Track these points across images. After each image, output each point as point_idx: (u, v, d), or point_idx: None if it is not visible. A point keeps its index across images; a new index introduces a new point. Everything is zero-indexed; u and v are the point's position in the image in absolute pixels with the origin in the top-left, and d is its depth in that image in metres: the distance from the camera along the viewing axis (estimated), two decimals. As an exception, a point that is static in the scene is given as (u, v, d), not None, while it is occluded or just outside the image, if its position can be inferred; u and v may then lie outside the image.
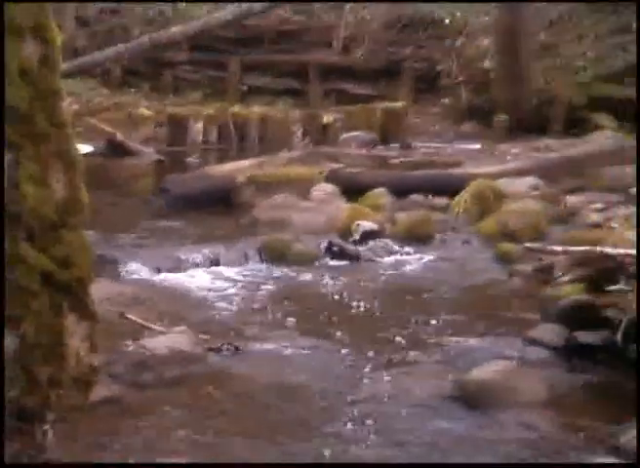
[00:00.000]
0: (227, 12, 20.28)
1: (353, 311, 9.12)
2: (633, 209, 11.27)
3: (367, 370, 7.73)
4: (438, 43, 21.05)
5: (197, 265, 10.17)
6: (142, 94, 19.60)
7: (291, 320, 8.76)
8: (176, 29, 19.97)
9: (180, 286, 9.43)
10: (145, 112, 17.60)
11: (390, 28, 21.72)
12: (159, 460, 5.65)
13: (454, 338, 8.38)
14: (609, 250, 8.49)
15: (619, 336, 7.80)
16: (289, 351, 8.11)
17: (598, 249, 8.55)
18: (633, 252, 8.36)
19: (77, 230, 4.71)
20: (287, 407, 7.02)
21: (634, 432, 6.50)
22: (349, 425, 6.78)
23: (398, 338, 8.42)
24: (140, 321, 8.00)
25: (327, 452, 6.33)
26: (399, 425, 6.74)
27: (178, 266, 10.05)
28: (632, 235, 9.18)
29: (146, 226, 11.38)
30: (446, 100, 19.87)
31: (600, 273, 8.23)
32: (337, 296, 9.39)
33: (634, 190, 12.29)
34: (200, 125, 16.50)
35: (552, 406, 7.10)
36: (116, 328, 7.54)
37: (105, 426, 6.29)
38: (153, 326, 7.97)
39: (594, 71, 19.26)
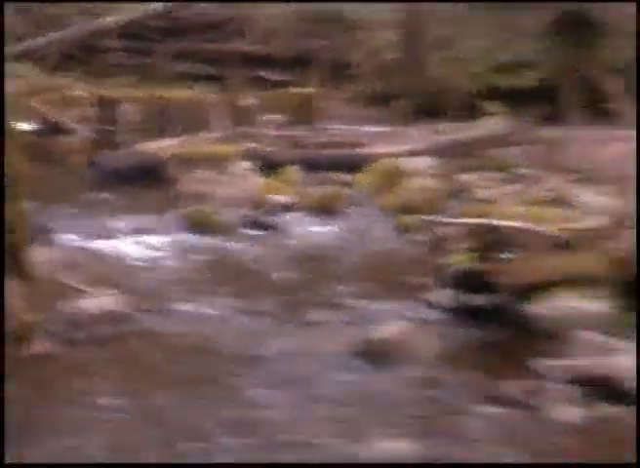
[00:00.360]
0: (158, 5, 20.38)
1: (268, 276, 9.14)
2: (517, 186, 11.42)
3: (280, 329, 7.80)
4: (347, 36, 21.03)
5: (126, 234, 10.11)
6: (77, 77, 19.42)
7: (211, 284, 8.78)
8: (110, 19, 20.00)
9: (110, 252, 9.38)
10: (79, 94, 17.50)
11: (304, 21, 21.65)
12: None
13: (359, 301, 8.44)
14: (496, 222, 8.60)
15: (504, 300, 7.95)
16: (209, 312, 8.13)
17: (486, 221, 8.66)
18: (517, 224, 8.50)
19: (17, 199, 4.72)
20: (206, 361, 7.07)
21: (516, 383, 6.65)
22: (264, 375, 6.86)
23: (309, 301, 8.48)
24: (73, 284, 7.98)
25: (243, 397, 6.45)
26: (310, 375, 6.84)
27: (109, 235, 9.99)
28: (516, 210, 9.32)
29: (80, 198, 11.33)
30: (352, 87, 19.87)
31: (488, 243, 8.32)
32: (253, 263, 9.42)
33: (520, 170, 12.45)
34: (129, 106, 16.45)
35: (445, 360, 7.21)
36: (52, 290, 7.52)
37: (39, 378, 6.33)
38: (86, 288, 7.94)
39: (485, 63, 19.43)
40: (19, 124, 12.22)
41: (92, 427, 5.88)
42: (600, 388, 6.66)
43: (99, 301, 7.77)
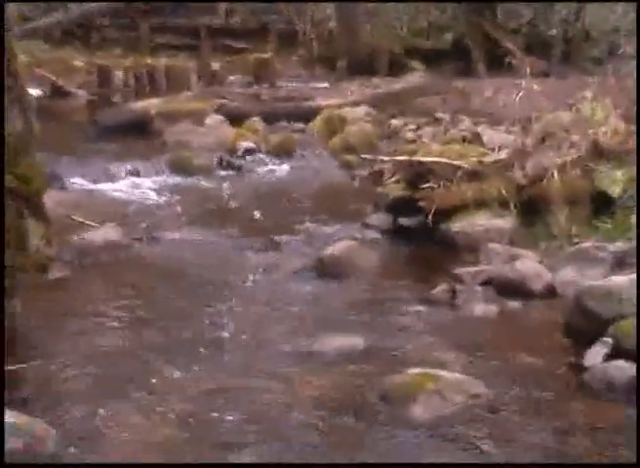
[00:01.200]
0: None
1: (239, 207, 9.09)
2: (437, 128, 11.40)
3: (251, 249, 7.78)
4: (297, 9, 20.88)
5: (122, 177, 9.99)
6: (76, 50, 19.20)
7: (193, 215, 8.75)
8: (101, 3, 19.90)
9: (110, 193, 9.33)
10: (79, 64, 17.37)
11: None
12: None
13: (312, 225, 8.44)
14: (421, 158, 8.60)
15: (429, 219, 7.96)
16: (193, 237, 8.12)
17: (413, 158, 8.65)
18: (438, 159, 8.50)
19: (32, 155, 4.65)
20: (191, 274, 7.10)
21: (441, 287, 6.68)
22: (239, 281, 6.93)
23: (272, 226, 8.44)
24: (81, 220, 7.94)
25: (221, 303, 6.47)
26: (275, 286, 6.87)
27: (108, 178, 9.88)
28: (437, 147, 9.30)
29: (83, 149, 11.23)
30: (302, 52, 19.76)
31: (415, 175, 8.32)
32: (226, 197, 9.38)
33: (439, 115, 12.42)
34: (121, 73, 16.31)
35: (384, 271, 7.24)
36: (64, 226, 7.48)
37: (59, 296, 6.33)
38: (91, 223, 7.91)
39: (408, 28, 19.38)
40: (30, 90, 12.19)
41: (94, 329, 5.94)
42: (508, 288, 6.72)
43: (102, 233, 7.75)
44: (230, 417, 4.80)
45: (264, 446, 4.54)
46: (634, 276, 6.24)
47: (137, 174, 10.02)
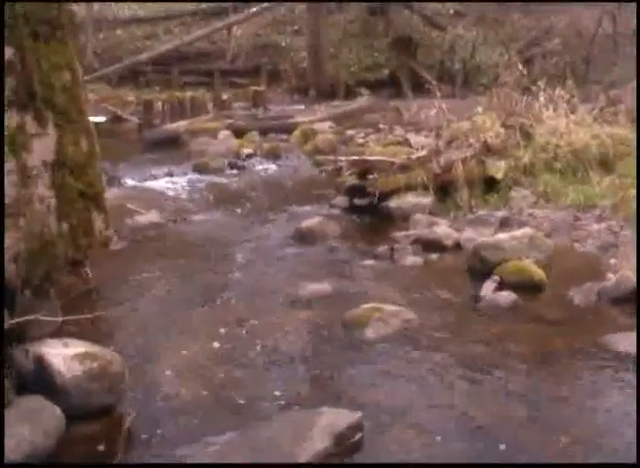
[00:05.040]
0: (173, 42, 20.12)
1: (244, 195, 8.98)
2: (379, 135, 11.34)
3: (252, 224, 7.74)
4: (280, 55, 20.68)
5: (161, 176, 9.80)
6: (128, 89, 19.02)
7: (211, 202, 8.68)
8: (144, 55, 19.69)
9: (152, 188, 9.17)
10: (130, 98, 17.23)
11: (256, 49, 21.28)
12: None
13: (293, 206, 8.39)
14: (368, 157, 8.57)
15: (374, 200, 7.94)
16: (211, 218, 8.06)
17: (363, 157, 8.62)
18: (379, 157, 8.45)
19: (95, 166, 4.60)
20: (211, 243, 7.03)
21: (383, 246, 6.67)
22: (245, 247, 6.88)
23: (267, 207, 8.41)
24: (133, 207, 7.88)
25: (228, 261, 6.45)
26: (268, 250, 6.83)
27: (151, 177, 9.71)
28: (379, 149, 9.26)
29: (134, 158, 11.07)
30: (285, 84, 19.59)
31: (364, 169, 8.27)
32: (234, 189, 9.30)
33: (378, 125, 12.36)
34: (159, 104, 16.13)
35: (344, 237, 7.21)
36: (120, 213, 7.43)
37: (119, 262, 6.29)
38: (140, 210, 7.85)
39: (358, 65, 19.24)
40: (96, 118, 12.13)
41: (146, 282, 5.91)
42: (429, 245, 6.73)
43: (148, 217, 7.69)
44: (245, 336, 4.88)
45: (271, 353, 4.63)
46: (513, 233, 6.29)
47: (171, 174, 9.89)
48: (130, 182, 9.43)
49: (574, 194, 7.62)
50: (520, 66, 10.05)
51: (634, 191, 6.92)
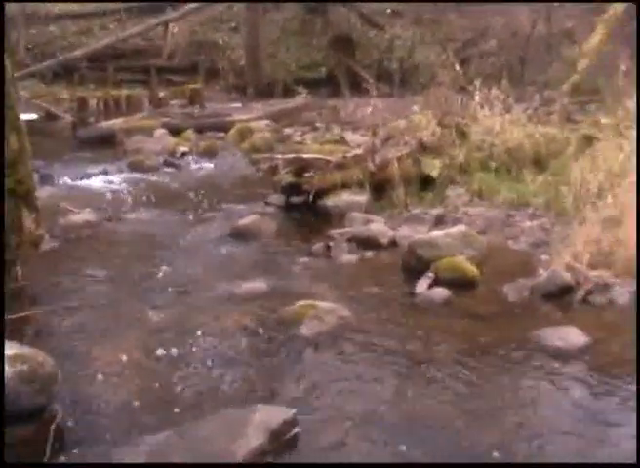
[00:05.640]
0: (112, 37, 19.91)
1: (179, 193, 8.94)
2: (316, 133, 11.39)
3: (187, 223, 7.69)
4: (219, 52, 20.58)
5: (96, 175, 9.71)
6: (62, 86, 18.71)
7: (147, 200, 8.60)
8: (78, 51, 19.38)
9: (86, 187, 9.09)
10: (64, 96, 16.98)
11: (193, 45, 21.12)
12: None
13: (229, 204, 8.35)
14: (304, 155, 8.59)
15: (310, 198, 7.97)
16: (146, 217, 7.98)
17: (299, 155, 8.63)
18: (316, 155, 8.48)
19: (26, 164, 4.56)
20: (146, 242, 6.99)
21: (319, 244, 6.71)
22: (180, 246, 6.85)
23: (201, 207, 8.34)
24: (66, 206, 7.77)
25: (164, 258, 6.38)
26: (204, 249, 6.81)
27: (86, 176, 9.61)
28: (315, 147, 9.31)
29: (67, 156, 10.89)
30: (222, 82, 19.49)
31: (300, 167, 8.29)
32: (170, 186, 9.25)
33: (317, 124, 12.41)
34: (94, 101, 15.94)
35: (280, 235, 7.23)
36: (53, 212, 7.33)
37: (50, 262, 6.20)
38: (74, 209, 7.75)
39: (296, 64, 19.27)
40: (29, 115, 11.99)
41: (78, 283, 5.84)
42: (364, 242, 6.80)
43: (81, 216, 7.59)
44: (179, 335, 4.85)
45: (205, 351, 4.63)
46: (448, 231, 6.40)
47: (106, 173, 9.78)
48: (63, 181, 9.30)
49: (507, 192, 7.77)
50: (457, 66, 10.22)
51: (565, 189, 7.09)
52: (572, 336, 4.71)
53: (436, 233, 6.35)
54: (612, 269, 5.53)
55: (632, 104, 8.77)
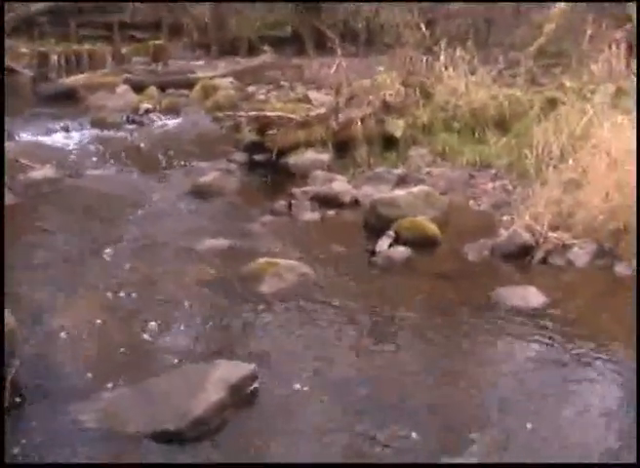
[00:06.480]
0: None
1: (141, 151, 8.83)
2: (280, 92, 11.29)
3: (149, 180, 7.62)
4: (184, 9, 20.26)
5: (57, 131, 9.54)
6: (22, 41, 18.31)
7: (108, 157, 8.46)
8: (40, 4, 18.95)
9: (47, 143, 8.94)
10: (25, 51, 16.63)
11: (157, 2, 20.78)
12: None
13: (192, 162, 8.27)
14: (268, 113, 8.53)
15: (274, 156, 7.93)
16: (108, 173, 7.89)
17: (262, 113, 8.57)
18: (279, 113, 8.42)
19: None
20: (107, 199, 6.92)
21: (281, 202, 6.70)
22: (142, 203, 6.79)
23: (163, 164, 8.27)
24: (27, 162, 7.65)
25: (129, 219, 6.33)
26: (165, 206, 6.77)
27: (46, 132, 9.47)
28: (279, 105, 9.24)
29: (28, 112, 10.68)
30: (186, 39, 19.20)
31: (263, 125, 8.22)
32: (132, 144, 9.11)
33: (281, 83, 12.29)
34: (55, 56, 15.64)
35: (242, 193, 7.21)
36: (14, 168, 7.23)
37: (11, 218, 6.02)
38: (34, 165, 7.63)
39: (261, 22, 19.05)
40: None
41: (39, 240, 5.80)
42: (327, 201, 6.80)
43: (42, 172, 7.49)
44: (140, 291, 4.86)
45: (166, 307, 4.64)
46: (410, 190, 6.42)
47: (67, 129, 9.62)
48: (23, 137, 9.15)
49: (470, 154, 7.80)
50: (422, 27, 10.16)
51: (528, 151, 7.13)
52: (531, 296, 4.79)
53: (398, 193, 6.38)
54: (572, 231, 5.60)
55: (596, 68, 8.82)
